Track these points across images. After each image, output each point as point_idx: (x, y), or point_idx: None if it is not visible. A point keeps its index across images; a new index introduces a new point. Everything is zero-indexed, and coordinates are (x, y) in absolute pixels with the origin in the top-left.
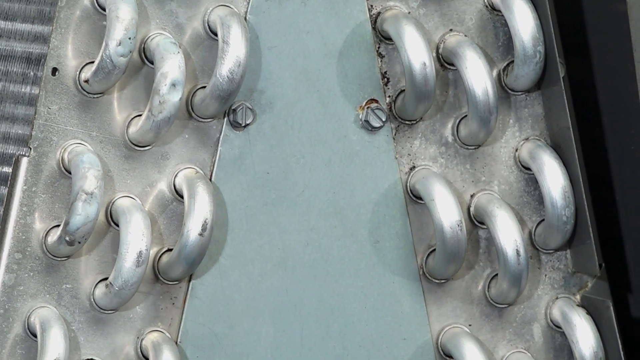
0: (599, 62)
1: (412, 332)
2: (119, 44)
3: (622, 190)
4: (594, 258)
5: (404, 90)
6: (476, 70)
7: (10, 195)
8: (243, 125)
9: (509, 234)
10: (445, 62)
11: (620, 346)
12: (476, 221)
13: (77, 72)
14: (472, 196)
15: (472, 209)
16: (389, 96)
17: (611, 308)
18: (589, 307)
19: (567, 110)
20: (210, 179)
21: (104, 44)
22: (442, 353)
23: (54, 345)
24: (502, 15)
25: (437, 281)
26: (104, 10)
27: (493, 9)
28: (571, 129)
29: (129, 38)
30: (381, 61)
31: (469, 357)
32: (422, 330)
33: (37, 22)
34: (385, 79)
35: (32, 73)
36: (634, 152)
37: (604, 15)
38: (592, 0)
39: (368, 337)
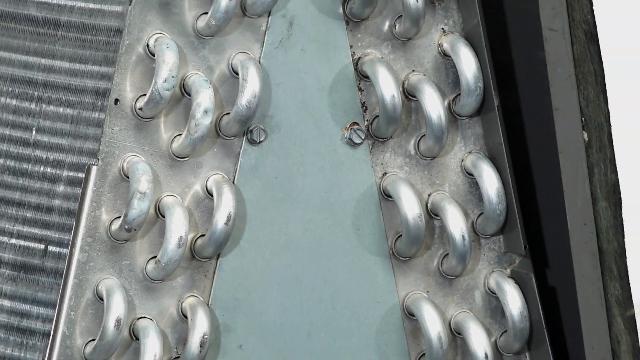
0: (524, 95)
1: (384, 296)
2: (165, 81)
3: (541, 190)
4: (521, 241)
5: (378, 115)
6: (432, 101)
7: (83, 194)
8: (258, 142)
9: (456, 223)
10: (409, 95)
11: (539, 307)
12: (432, 214)
13: (134, 102)
14: (429, 195)
15: (429, 204)
16: (367, 120)
17: (533, 279)
18: (517, 278)
19: (500, 130)
20: (233, 182)
21: (153, 81)
22: (406, 312)
23: (116, 306)
24: (452, 60)
25: (403, 259)
26: (154, 55)
27: (445, 55)
28: (503, 145)
29: (172, 77)
30: (361, 94)
31: (427, 316)
32: (391, 295)
33: (103, 65)
34: (364, 107)
35: (100, 103)
36: (550, 163)
37: (527, 60)
38: (519, 48)
39: (351, 301)
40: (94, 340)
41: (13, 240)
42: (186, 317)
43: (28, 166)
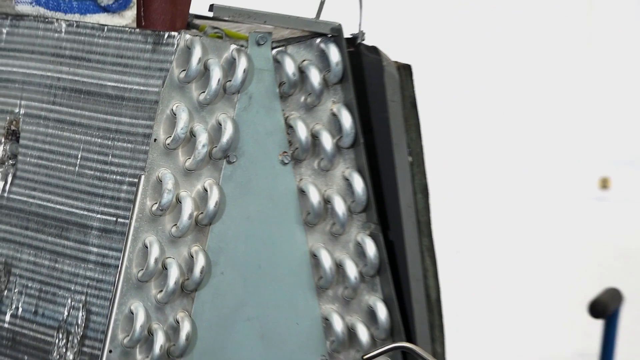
0: (377, 136)
1: (300, 246)
2: (181, 129)
3: (386, 188)
4: (375, 216)
5: (297, 147)
6: (327, 139)
7: (137, 190)
8: (232, 162)
9: (340, 206)
10: (314, 136)
11: (385, 252)
12: (327, 201)
13: (165, 140)
14: (325, 190)
15: (325, 196)
16: (292, 150)
17: (381, 236)
18: (372, 236)
19: (364, 155)
20: (219, 184)
21: (175, 129)
22: (312, 254)
23: (155, 251)
24: (338, 117)
25: (310, 226)
26: (176, 115)
27: (334, 114)
28: (365, 164)
29: (185, 126)
30: (289, 136)
31: (323, 256)
32: (304, 245)
33: (148, 120)
34: (290, 143)
35: (146, 141)
36: (390, 173)
37: (379, 117)
38: (374, 111)
39: (283, 248)
40: (142, 269)
41: (99, 216)
42: (192, 257)
43: (107, 175)
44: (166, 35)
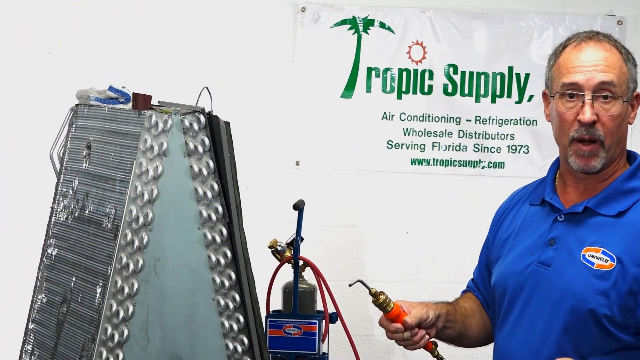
0: (217, 147)
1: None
2: (149, 143)
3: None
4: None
5: (189, 149)
6: (205, 143)
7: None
8: (167, 156)
9: None
10: (195, 146)
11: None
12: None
13: (142, 147)
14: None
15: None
16: (187, 151)
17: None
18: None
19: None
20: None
21: (146, 144)
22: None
23: None
24: (203, 140)
25: None
26: (146, 140)
27: (202, 139)
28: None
29: (150, 144)
30: (186, 146)
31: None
32: None
33: (135, 141)
34: (186, 148)
35: (134, 150)
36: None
37: (219, 140)
38: (217, 138)
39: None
40: None
41: (119, 174)
42: None
43: (119, 159)
44: (142, 111)
